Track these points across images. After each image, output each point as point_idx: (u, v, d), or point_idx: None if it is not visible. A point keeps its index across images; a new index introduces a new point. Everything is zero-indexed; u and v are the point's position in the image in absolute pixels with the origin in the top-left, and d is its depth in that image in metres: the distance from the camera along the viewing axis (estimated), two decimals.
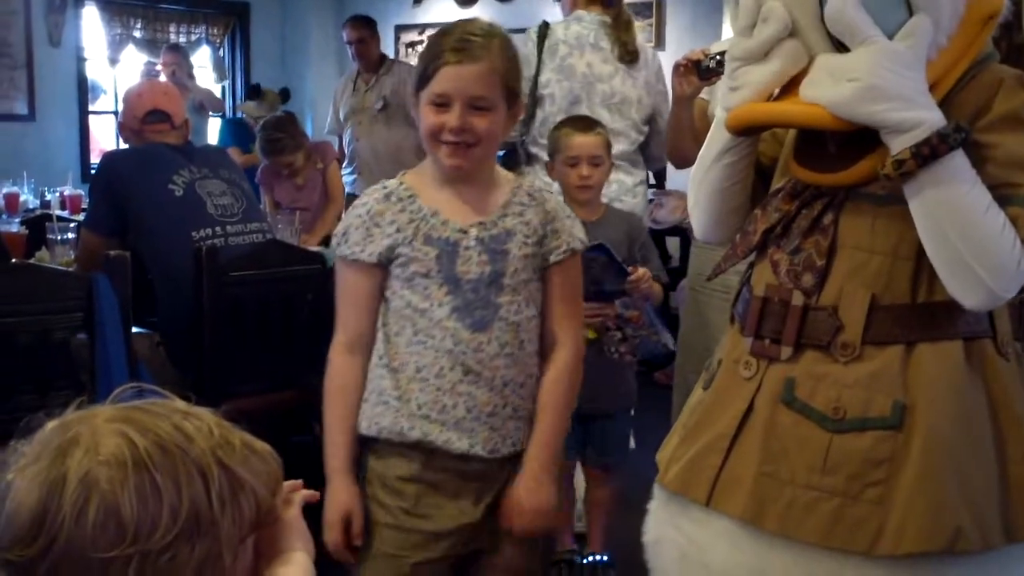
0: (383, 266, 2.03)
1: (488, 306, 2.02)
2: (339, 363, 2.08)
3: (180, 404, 1.11)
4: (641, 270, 3.06)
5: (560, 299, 2.10)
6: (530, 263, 2.05)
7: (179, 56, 7.35)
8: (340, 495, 2.04)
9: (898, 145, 1.50)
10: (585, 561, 3.27)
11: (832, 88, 1.52)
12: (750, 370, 1.67)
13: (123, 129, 3.77)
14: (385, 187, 2.08)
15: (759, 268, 1.72)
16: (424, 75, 2.00)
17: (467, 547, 2.07)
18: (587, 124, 3.25)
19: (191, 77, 7.34)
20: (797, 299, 1.63)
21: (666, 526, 1.75)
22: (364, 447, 2.08)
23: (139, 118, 3.67)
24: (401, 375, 2.03)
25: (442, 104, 1.98)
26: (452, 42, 1.99)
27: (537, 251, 2.06)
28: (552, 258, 2.07)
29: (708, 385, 1.76)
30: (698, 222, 1.89)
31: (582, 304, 2.20)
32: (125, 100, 3.86)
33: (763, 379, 1.65)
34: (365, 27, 6.16)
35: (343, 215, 1.97)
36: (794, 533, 1.58)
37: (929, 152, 1.48)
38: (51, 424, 1.06)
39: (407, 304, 2.02)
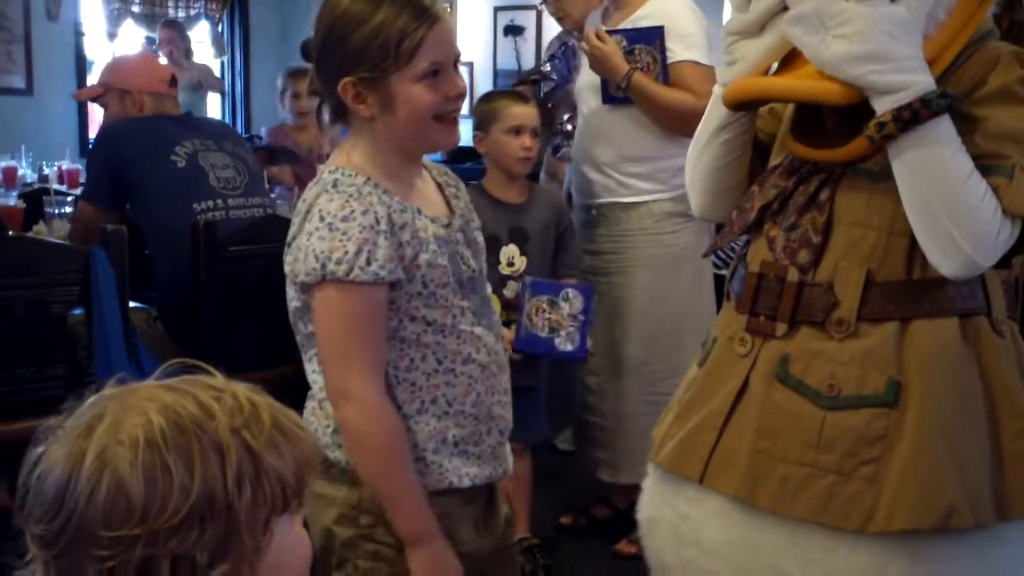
0: (389, 287, 1.73)
1: (486, 302, 1.89)
2: (383, 410, 1.74)
3: (216, 380, 1.09)
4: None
5: None
6: (484, 248, 1.94)
7: (175, 33, 7.20)
8: (445, 556, 1.76)
9: (882, 107, 1.50)
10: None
11: (821, 42, 1.50)
12: (745, 347, 1.67)
13: (136, 94, 3.67)
14: (355, 185, 1.75)
15: (755, 245, 1.71)
16: (399, 55, 1.72)
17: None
18: (521, 97, 3.22)
19: (189, 53, 7.26)
20: (793, 275, 1.63)
21: (660, 504, 1.75)
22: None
23: (166, 81, 3.66)
24: (427, 416, 1.79)
25: (435, 73, 1.75)
26: (406, 8, 1.73)
27: (482, 236, 1.94)
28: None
29: (703, 362, 1.76)
30: (696, 199, 1.88)
31: None
32: (136, 65, 3.81)
33: (758, 356, 1.65)
34: None
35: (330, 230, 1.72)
36: (787, 510, 1.58)
37: (910, 116, 1.48)
38: (90, 399, 1.05)
39: (427, 326, 1.77)
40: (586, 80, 3.47)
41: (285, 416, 1.09)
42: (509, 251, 3.11)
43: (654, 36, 3.26)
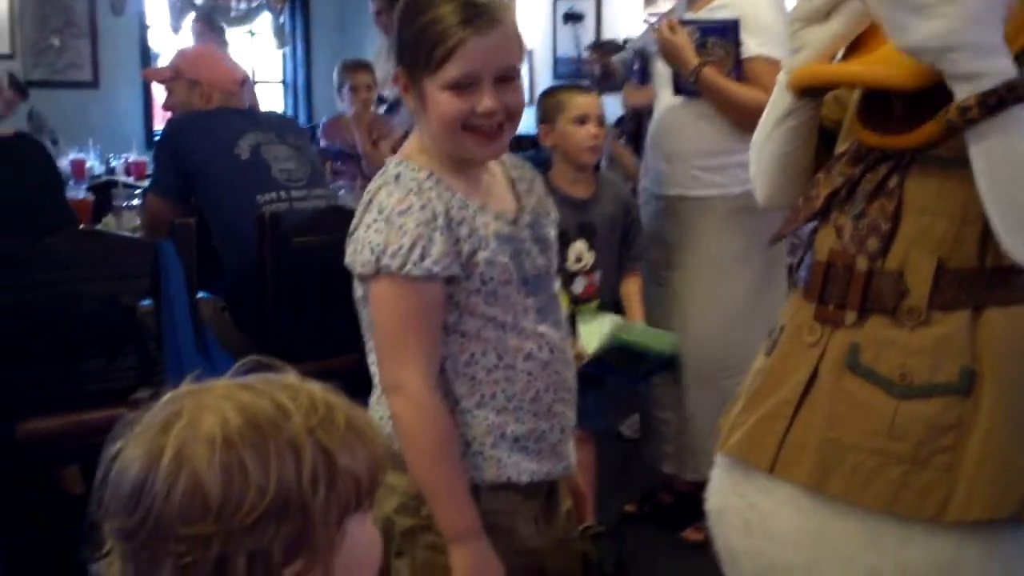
0: (446, 282, 1.73)
1: (552, 299, 1.87)
2: (430, 404, 1.74)
3: (291, 379, 1.10)
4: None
5: None
6: (556, 244, 1.92)
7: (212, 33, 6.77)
8: (486, 556, 1.75)
9: (963, 93, 1.47)
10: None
11: (908, 24, 1.47)
12: (814, 336, 1.66)
13: (206, 87, 3.69)
14: (417, 179, 1.74)
15: (822, 233, 1.69)
16: (431, 58, 1.69)
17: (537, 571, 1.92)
18: (581, 88, 3.20)
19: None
20: (861, 264, 1.61)
21: (728, 494, 1.74)
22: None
23: (238, 82, 3.70)
24: (486, 411, 1.79)
25: (466, 85, 1.71)
26: (459, 9, 1.69)
27: (555, 232, 1.92)
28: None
29: (771, 351, 1.74)
30: (760, 188, 1.87)
31: None
32: (212, 60, 3.84)
33: (827, 345, 1.64)
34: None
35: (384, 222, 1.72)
36: (859, 499, 1.56)
37: (996, 102, 1.44)
38: (167, 395, 1.07)
39: (489, 321, 1.77)
40: (660, 71, 3.45)
41: (359, 416, 1.10)
42: (577, 247, 3.10)
43: (728, 29, 3.21)
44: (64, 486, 3.34)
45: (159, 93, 8.39)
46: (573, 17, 8.48)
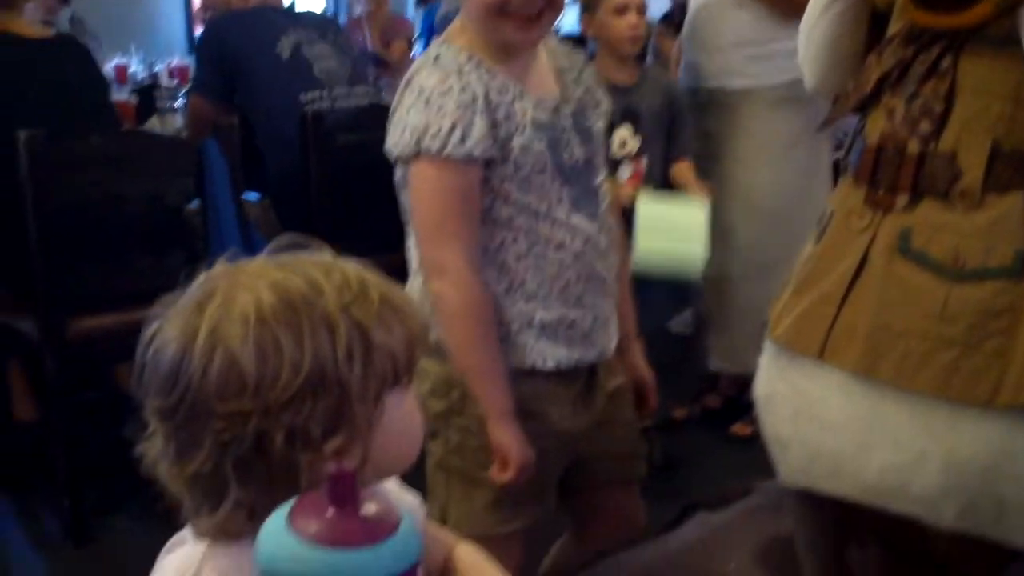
0: (484, 166, 1.73)
1: (591, 192, 1.86)
2: (473, 285, 1.75)
3: (324, 257, 1.09)
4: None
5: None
6: (602, 136, 1.91)
7: None
8: (522, 436, 1.80)
9: None
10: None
11: None
12: (864, 221, 1.63)
13: None
14: (457, 62, 1.74)
15: (873, 116, 1.66)
16: None
17: (577, 451, 1.96)
18: None
19: None
20: (914, 146, 1.58)
21: (777, 381, 1.73)
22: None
23: None
24: (515, 297, 1.81)
25: None
26: None
27: (602, 123, 1.90)
28: (604, 127, 1.93)
29: (819, 238, 1.72)
30: (810, 74, 1.83)
31: None
32: None
33: (878, 230, 1.61)
34: None
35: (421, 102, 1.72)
36: (910, 384, 1.55)
37: None
38: (202, 276, 1.07)
39: (521, 209, 1.77)
40: None
41: (394, 293, 1.09)
42: (622, 132, 3.08)
43: None
44: (118, 383, 3.40)
45: None
46: None
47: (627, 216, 2.68)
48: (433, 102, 1.70)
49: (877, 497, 1.58)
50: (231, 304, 1.02)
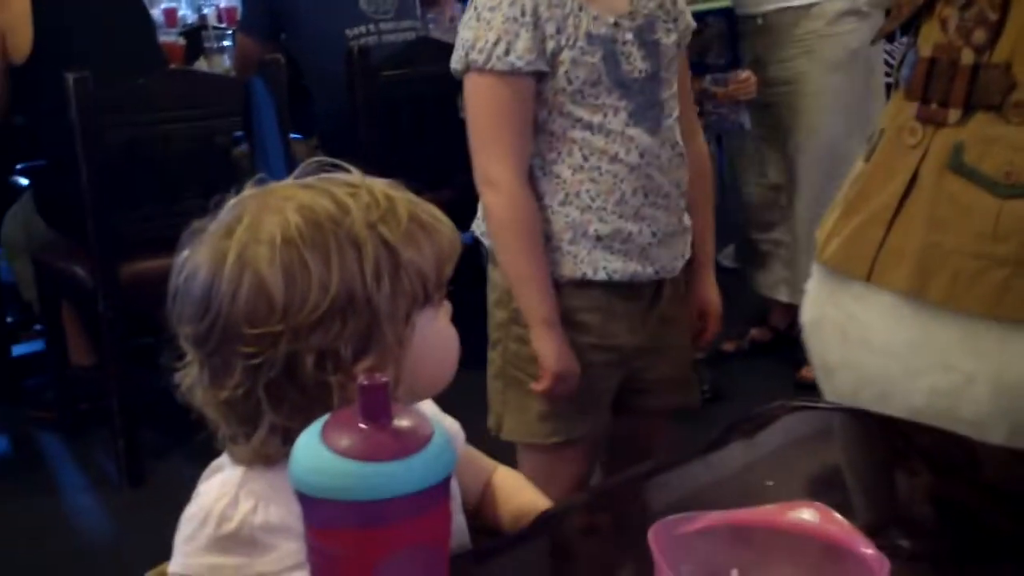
0: (536, 79, 1.77)
1: (655, 105, 1.85)
2: (519, 196, 1.79)
3: (353, 177, 1.09)
4: (746, 74, 2.91)
5: (685, 85, 1.95)
6: (674, 51, 1.89)
7: None
8: (563, 347, 1.83)
9: None
10: None
11: None
12: (915, 137, 1.58)
13: None
14: None
15: (926, 28, 1.60)
16: None
17: (631, 369, 1.97)
18: None
19: None
20: (967, 57, 1.52)
21: (824, 304, 1.70)
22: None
23: None
24: (569, 208, 1.83)
25: None
26: None
27: (675, 38, 1.88)
28: (683, 42, 1.91)
29: (869, 156, 1.68)
30: None
31: None
32: None
33: (929, 146, 1.56)
34: None
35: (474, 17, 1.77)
36: (960, 304, 1.51)
37: None
38: (231, 201, 1.07)
39: (575, 122, 1.79)
40: None
41: (423, 209, 1.08)
42: None
43: None
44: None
45: None
46: None
47: None
48: (483, 16, 1.76)
49: (925, 421, 1.55)
50: (258, 227, 1.02)
